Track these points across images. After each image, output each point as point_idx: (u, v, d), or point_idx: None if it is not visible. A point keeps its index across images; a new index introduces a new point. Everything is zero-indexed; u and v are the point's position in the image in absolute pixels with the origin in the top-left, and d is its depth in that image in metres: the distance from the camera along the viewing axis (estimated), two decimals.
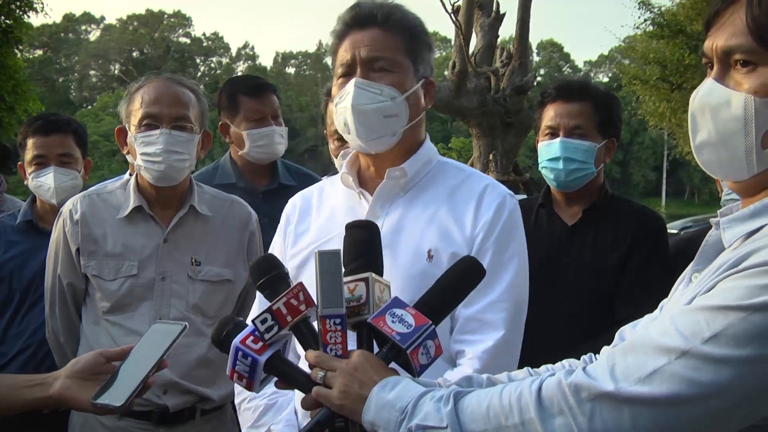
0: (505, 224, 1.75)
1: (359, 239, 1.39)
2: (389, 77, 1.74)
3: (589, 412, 1.04)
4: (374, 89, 1.73)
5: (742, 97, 1.11)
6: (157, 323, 1.62)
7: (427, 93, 1.83)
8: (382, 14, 1.75)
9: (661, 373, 1.01)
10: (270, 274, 1.36)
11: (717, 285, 1.06)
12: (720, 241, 1.17)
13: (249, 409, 1.87)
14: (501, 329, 1.67)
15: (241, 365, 1.29)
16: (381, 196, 1.80)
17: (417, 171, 1.82)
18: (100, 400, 1.46)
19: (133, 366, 1.51)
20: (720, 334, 0.98)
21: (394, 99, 1.73)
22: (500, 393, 1.14)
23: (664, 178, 57.78)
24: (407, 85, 1.76)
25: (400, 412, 1.17)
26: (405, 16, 1.78)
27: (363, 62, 1.75)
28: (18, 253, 2.82)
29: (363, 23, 1.76)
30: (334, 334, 1.27)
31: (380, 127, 1.75)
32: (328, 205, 1.90)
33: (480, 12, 7.53)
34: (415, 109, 1.79)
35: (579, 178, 2.55)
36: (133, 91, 2.36)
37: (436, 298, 1.35)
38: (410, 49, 1.77)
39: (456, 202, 1.77)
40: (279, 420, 1.81)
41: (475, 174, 1.87)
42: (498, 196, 1.78)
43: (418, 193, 1.81)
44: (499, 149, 7.16)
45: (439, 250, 1.70)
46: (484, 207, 1.75)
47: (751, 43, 1.10)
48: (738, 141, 1.12)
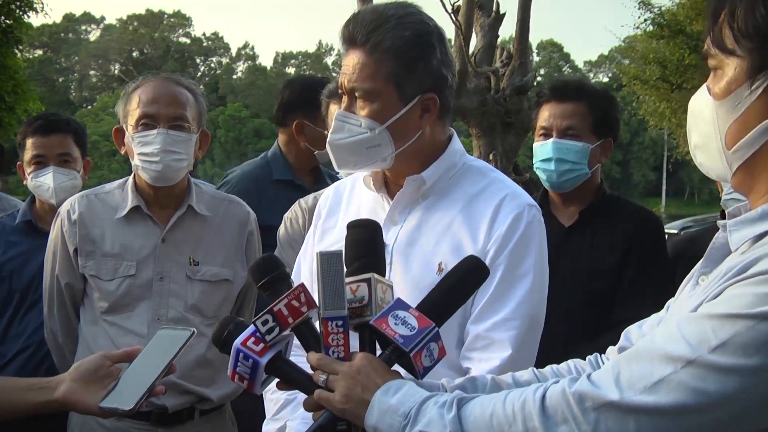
0: (520, 238, 1.67)
1: (361, 239, 1.38)
2: (368, 108, 1.68)
3: (593, 421, 1.03)
4: (353, 121, 1.69)
5: (709, 101, 1.14)
6: (163, 329, 1.61)
7: (426, 109, 1.71)
8: (363, 36, 1.66)
9: (666, 382, 1.00)
10: (270, 275, 1.34)
11: (724, 292, 1.04)
12: (727, 244, 1.16)
13: (271, 400, 1.87)
14: (508, 349, 1.61)
15: (242, 367, 1.28)
16: (400, 202, 1.77)
17: (438, 178, 1.76)
18: (108, 404, 1.46)
19: (141, 370, 1.51)
20: (727, 342, 0.97)
21: (373, 130, 1.68)
22: (504, 400, 1.13)
23: (664, 178, 57.73)
24: (389, 113, 1.67)
25: (403, 417, 1.16)
26: (386, 35, 1.65)
27: (347, 91, 1.71)
28: (17, 254, 2.81)
29: (349, 44, 1.70)
30: (336, 336, 1.26)
31: (364, 158, 1.72)
32: (356, 203, 1.88)
33: (480, 12, 7.52)
34: (405, 132, 1.70)
35: (572, 179, 2.54)
36: (130, 91, 2.36)
37: (440, 300, 1.33)
38: (394, 74, 1.66)
39: (473, 212, 1.71)
40: (296, 416, 1.81)
41: (498, 181, 1.78)
42: (516, 208, 1.70)
43: (438, 200, 1.76)
44: (499, 149, 7.15)
45: (449, 264, 1.63)
46: (500, 219, 1.68)
47: (715, 50, 1.13)
48: (712, 144, 1.15)
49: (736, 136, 1.11)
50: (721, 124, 1.13)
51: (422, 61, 1.68)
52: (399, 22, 1.66)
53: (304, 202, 2.62)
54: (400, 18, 1.67)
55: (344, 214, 1.87)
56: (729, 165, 1.14)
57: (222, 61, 79.87)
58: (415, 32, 1.67)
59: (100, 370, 1.54)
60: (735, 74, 1.10)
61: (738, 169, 1.14)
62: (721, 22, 1.12)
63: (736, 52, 1.09)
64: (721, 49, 1.12)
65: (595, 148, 2.55)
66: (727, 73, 1.11)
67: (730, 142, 1.12)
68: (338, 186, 1.96)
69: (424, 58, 1.68)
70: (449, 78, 1.74)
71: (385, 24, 1.66)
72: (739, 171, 1.14)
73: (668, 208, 49.88)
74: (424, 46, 1.68)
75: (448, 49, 1.77)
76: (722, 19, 1.11)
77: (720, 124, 1.13)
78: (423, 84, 1.69)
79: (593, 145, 2.54)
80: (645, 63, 19.07)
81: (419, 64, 1.68)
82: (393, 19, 1.66)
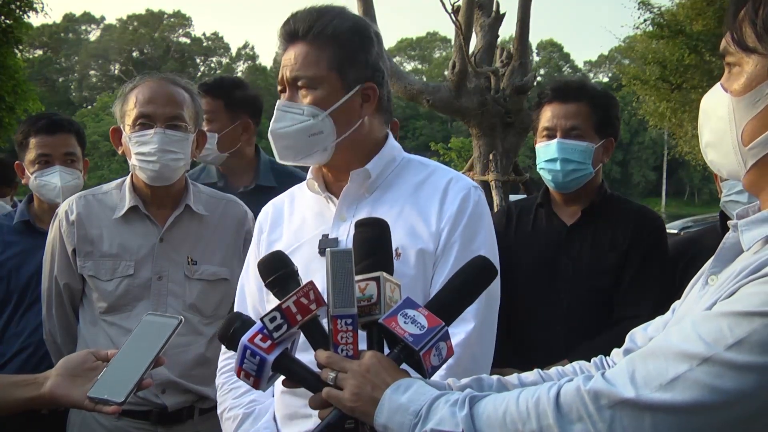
0: (470, 216, 1.74)
1: (368, 237, 1.38)
2: (311, 95, 1.72)
3: (609, 419, 1.03)
4: (295, 110, 1.73)
5: (726, 97, 1.15)
6: (149, 315, 1.59)
7: (366, 99, 1.77)
8: (304, 28, 1.73)
9: (682, 379, 1.00)
10: (279, 272, 1.34)
11: (739, 290, 1.05)
12: (738, 244, 1.17)
13: (229, 418, 1.85)
14: (471, 321, 1.66)
15: (249, 363, 1.28)
16: (347, 198, 1.79)
17: (381, 171, 1.81)
18: (97, 394, 1.45)
19: (129, 360, 1.49)
20: (744, 340, 0.97)
21: (316, 117, 1.72)
22: (517, 398, 1.13)
23: (664, 178, 57.75)
24: (332, 100, 1.73)
25: (413, 415, 1.16)
26: (328, 24, 1.73)
27: (288, 82, 1.75)
28: (15, 254, 2.81)
29: (290, 40, 1.75)
30: (346, 334, 1.26)
31: (306, 146, 1.74)
32: (299, 212, 1.90)
33: (480, 12, 7.51)
34: (347, 119, 1.75)
35: (577, 179, 2.55)
36: (127, 91, 2.36)
37: (448, 299, 1.33)
38: (336, 60, 1.72)
39: (421, 198, 1.77)
40: (257, 428, 1.80)
41: (439, 169, 1.86)
42: (462, 189, 1.77)
43: (384, 193, 1.80)
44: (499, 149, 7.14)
45: (406, 248, 1.70)
46: (449, 201, 1.75)
47: (734, 48, 1.14)
48: (726, 140, 1.16)
49: (754, 133, 1.12)
50: (738, 121, 1.13)
51: (363, 51, 1.76)
52: (339, 13, 1.76)
53: None
54: (339, 11, 1.76)
55: (288, 224, 1.89)
56: (744, 162, 1.15)
57: (222, 61, 79.85)
58: (355, 23, 1.78)
59: (85, 364, 1.54)
60: (756, 71, 1.11)
61: (752, 167, 1.14)
62: (741, 20, 1.12)
63: (758, 50, 1.10)
64: (741, 46, 1.12)
65: (598, 147, 2.56)
66: (747, 70, 1.12)
67: (746, 138, 1.13)
68: (275, 203, 1.99)
69: (364, 49, 1.76)
70: (385, 74, 1.81)
71: (327, 15, 1.74)
72: (753, 169, 1.15)
73: (668, 208, 49.89)
74: (364, 37, 1.77)
75: (384, 48, 1.85)
76: (743, 16, 1.12)
77: (737, 121, 1.14)
78: (363, 73, 1.75)
79: (597, 145, 2.55)
80: (645, 63, 19.06)
81: (360, 53, 1.75)
82: (333, 12, 1.76)
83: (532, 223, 2.64)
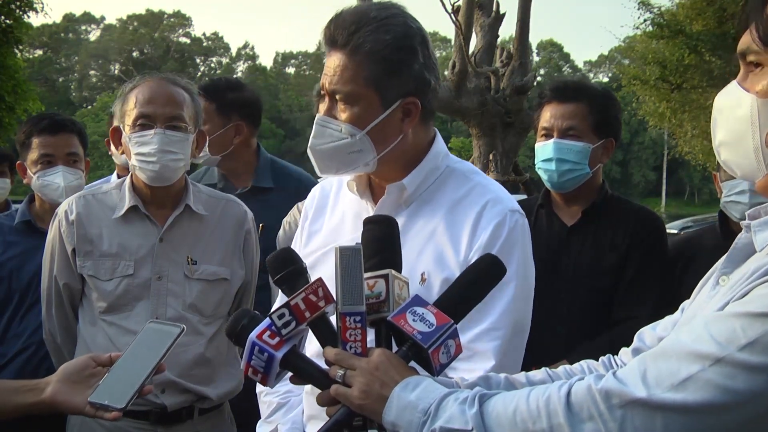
0: (502, 246, 1.64)
1: (378, 235, 1.37)
2: (349, 112, 1.64)
3: (620, 418, 1.03)
4: (333, 127, 1.66)
5: (749, 97, 1.13)
6: (152, 323, 1.60)
7: (407, 113, 1.67)
8: (343, 37, 1.62)
9: (694, 379, 0.99)
10: (288, 269, 1.34)
11: (752, 291, 1.04)
12: (750, 244, 1.16)
13: (264, 403, 1.88)
14: (492, 359, 1.58)
15: (257, 360, 1.28)
16: (383, 209, 1.74)
17: (420, 183, 1.73)
18: (98, 399, 1.46)
19: (131, 366, 1.51)
20: (757, 341, 0.97)
21: (353, 136, 1.64)
22: (527, 397, 1.12)
23: (664, 178, 57.75)
24: (370, 118, 1.64)
25: (422, 413, 1.16)
26: (367, 38, 1.61)
27: (328, 93, 1.68)
28: (16, 254, 2.80)
29: (330, 45, 1.66)
30: (354, 331, 1.26)
31: (346, 163, 1.69)
32: (341, 206, 1.85)
33: (480, 12, 7.52)
34: (386, 136, 1.66)
35: (572, 179, 2.55)
36: (127, 91, 2.36)
37: (457, 297, 1.33)
38: (374, 77, 1.62)
39: (455, 219, 1.69)
40: (287, 420, 1.81)
41: (479, 186, 1.74)
42: (497, 215, 1.67)
43: (421, 206, 1.73)
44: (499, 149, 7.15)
45: (432, 275, 1.64)
46: (481, 228, 1.66)
47: (760, 45, 1.11)
48: (747, 141, 1.13)
49: None
50: (763, 123, 1.11)
51: (403, 66, 1.65)
52: (380, 24, 1.62)
53: (302, 204, 2.62)
54: (381, 20, 1.63)
55: (329, 218, 1.86)
56: (765, 164, 1.13)
57: (222, 61, 79.90)
58: (397, 36, 1.63)
59: (86, 370, 1.55)
60: None
61: None
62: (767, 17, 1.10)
63: None
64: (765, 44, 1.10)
65: (596, 148, 2.56)
66: None
67: None
68: (323, 186, 1.94)
69: (406, 63, 1.65)
70: (432, 81, 1.70)
71: (366, 26, 1.62)
72: None
73: (668, 208, 49.89)
74: (406, 50, 1.64)
75: (432, 51, 1.73)
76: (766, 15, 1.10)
77: (762, 123, 1.11)
78: (404, 88, 1.65)
79: (594, 146, 2.55)
80: (645, 63, 19.04)
81: (400, 68, 1.64)
82: (374, 21, 1.62)
83: (533, 223, 2.63)
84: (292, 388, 1.83)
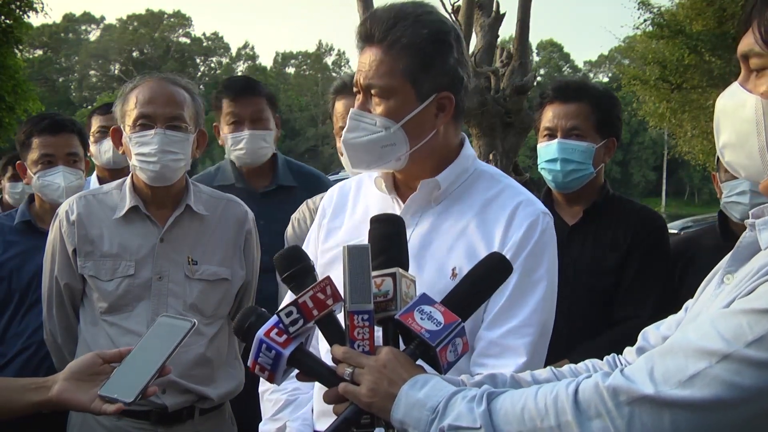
0: (535, 245, 1.66)
1: (385, 234, 1.38)
2: (384, 105, 1.66)
3: (627, 415, 1.04)
4: (368, 120, 1.68)
5: (753, 99, 1.13)
6: (164, 316, 1.61)
7: (441, 108, 1.69)
8: (381, 32, 1.65)
9: (702, 376, 1.00)
10: (295, 267, 1.34)
11: (758, 288, 1.05)
12: (754, 243, 1.17)
13: (270, 401, 1.88)
14: (523, 356, 1.59)
15: (264, 357, 1.28)
16: (412, 205, 1.74)
17: (451, 182, 1.74)
18: (108, 393, 1.47)
19: (141, 361, 1.51)
20: (763, 338, 0.98)
21: (388, 129, 1.66)
22: (535, 395, 1.13)
23: (664, 178, 57.74)
24: (405, 111, 1.66)
25: (431, 411, 1.17)
26: (404, 32, 1.64)
27: (362, 88, 1.69)
28: (16, 254, 2.80)
29: (366, 40, 1.68)
30: (362, 329, 1.26)
31: (378, 157, 1.70)
32: (363, 203, 1.85)
33: (480, 12, 7.53)
34: (420, 130, 1.68)
35: (577, 179, 2.55)
36: (127, 91, 2.36)
37: (464, 295, 1.33)
38: (411, 70, 1.64)
39: (487, 218, 1.70)
40: (296, 417, 1.81)
41: (509, 187, 1.77)
42: (530, 215, 1.68)
43: (451, 205, 1.74)
44: (499, 149, 7.16)
45: (463, 269, 1.62)
46: (515, 226, 1.67)
47: (763, 47, 1.11)
48: (752, 142, 1.14)
49: None
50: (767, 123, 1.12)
51: (439, 59, 1.67)
52: (417, 19, 1.65)
53: (311, 202, 2.63)
54: (418, 16, 1.66)
55: (351, 215, 1.86)
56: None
57: (222, 61, 79.88)
58: (433, 30, 1.66)
59: (93, 368, 1.55)
60: None
61: None
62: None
63: None
64: None
65: (599, 147, 2.56)
66: None
67: None
68: (342, 186, 1.95)
69: (442, 56, 1.67)
70: (465, 78, 1.72)
71: (403, 21, 1.65)
72: None
73: (668, 208, 49.86)
74: (442, 44, 1.67)
75: (465, 50, 1.76)
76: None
77: (767, 123, 1.12)
78: (439, 82, 1.67)
79: (597, 145, 2.55)
80: (645, 63, 19.06)
81: (436, 61, 1.66)
82: (411, 16, 1.65)
83: None
84: (300, 386, 1.84)
